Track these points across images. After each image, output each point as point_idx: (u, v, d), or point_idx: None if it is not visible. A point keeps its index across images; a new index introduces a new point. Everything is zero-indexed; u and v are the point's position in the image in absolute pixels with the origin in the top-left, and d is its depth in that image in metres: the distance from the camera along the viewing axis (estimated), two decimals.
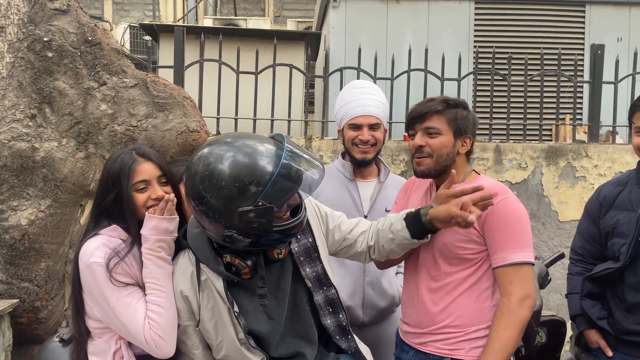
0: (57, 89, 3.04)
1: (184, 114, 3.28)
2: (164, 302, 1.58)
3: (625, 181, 2.03)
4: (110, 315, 1.58)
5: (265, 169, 1.45)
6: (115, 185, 1.65)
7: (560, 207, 3.65)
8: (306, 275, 1.67)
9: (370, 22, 5.05)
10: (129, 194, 1.64)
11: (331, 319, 1.68)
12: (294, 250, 1.66)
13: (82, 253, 1.61)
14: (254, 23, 7.84)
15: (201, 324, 1.60)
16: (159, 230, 1.61)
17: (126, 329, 1.57)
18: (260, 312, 1.61)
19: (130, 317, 1.56)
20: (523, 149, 3.67)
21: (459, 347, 1.74)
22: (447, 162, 1.80)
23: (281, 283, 1.65)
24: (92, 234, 1.65)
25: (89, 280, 1.59)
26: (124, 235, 1.64)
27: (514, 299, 1.69)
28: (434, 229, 1.66)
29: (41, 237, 2.98)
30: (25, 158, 2.96)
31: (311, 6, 10.96)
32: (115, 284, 1.57)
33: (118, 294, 1.56)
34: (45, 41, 3.01)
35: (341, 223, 1.79)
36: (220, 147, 1.49)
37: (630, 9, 5.14)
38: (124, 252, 1.62)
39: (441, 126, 1.78)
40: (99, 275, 1.57)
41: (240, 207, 1.44)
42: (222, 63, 3.70)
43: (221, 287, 1.58)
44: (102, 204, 1.68)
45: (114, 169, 1.67)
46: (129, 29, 8.33)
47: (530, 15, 5.13)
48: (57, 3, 3.06)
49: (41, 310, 3.04)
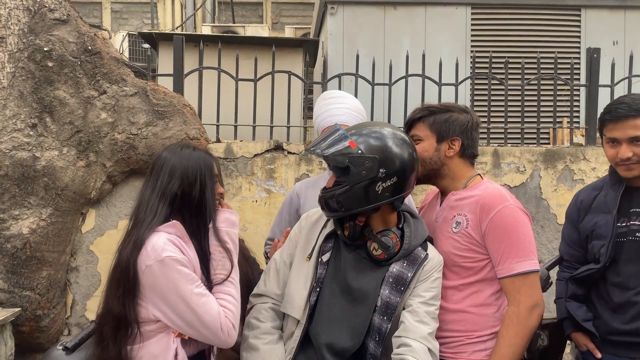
0: (58, 98, 3.07)
1: (183, 121, 3.30)
2: (234, 292, 1.67)
3: (600, 185, 2.06)
4: (183, 310, 1.57)
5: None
6: (196, 173, 1.70)
7: (558, 210, 3.67)
8: (382, 294, 1.70)
9: (367, 28, 5.08)
10: (213, 186, 1.73)
11: (372, 344, 1.68)
12: (391, 271, 1.71)
13: (151, 249, 1.58)
14: (252, 30, 7.87)
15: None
16: (229, 223, 1.74)
17: (201, 320, 1.58)
18: (335, 292, 1.71)
19: (205, 307, 1.58)
20: (521, 152, 3.69)
21: (461, 350, 1.76)
22: (434, 166, 1.84)
23: (362, 281, 1.71)
24: (149, 230, 1.63)
25: (159, 276, 1.56)
26: (181, 231, 1.65)
27: (522, 307, 1.71)
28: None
29: (42, 245, 2.99)
30: (26, 167, 2.97)
31: (309, 13, 11.01)
32: (189, 277, 1.59)
33: (192, 286, 1.58)
34: (46, 51, 3.03)
35: (415, 312, 1.73)
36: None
37: (626, 13, 5.18)
38: (184, 248, 1.64)
39: (423, 133, 1.85)
40: (173, 269, 1.57)
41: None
42: (221, 70, 3.72)
43: (325, 234, 1.76)
44: (174, 190, 1.68)
45: (194, 159, 1.73)
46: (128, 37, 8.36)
47: (526, 19, 5.16)
48: (57, 13, 3.08)
49: (43, 318, 3.04)
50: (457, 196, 1.84)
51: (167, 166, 1.71)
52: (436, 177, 1.87)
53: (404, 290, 1.69)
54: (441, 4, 5.12)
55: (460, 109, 1.89)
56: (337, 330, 1.68)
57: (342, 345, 1.66)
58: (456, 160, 1.85)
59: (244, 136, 3.84)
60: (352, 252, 1.74)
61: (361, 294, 1.69)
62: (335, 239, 1.76)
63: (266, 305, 1.77)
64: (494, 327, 1.78)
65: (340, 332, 1.68)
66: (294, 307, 1.71)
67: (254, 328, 1.74)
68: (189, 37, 4.67)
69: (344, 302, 1.70)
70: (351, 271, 1.71)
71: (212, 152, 3.50)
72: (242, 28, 8.04)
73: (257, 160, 3.54)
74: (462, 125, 1.84)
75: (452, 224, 1.81)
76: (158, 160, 1.74)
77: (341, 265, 1.73)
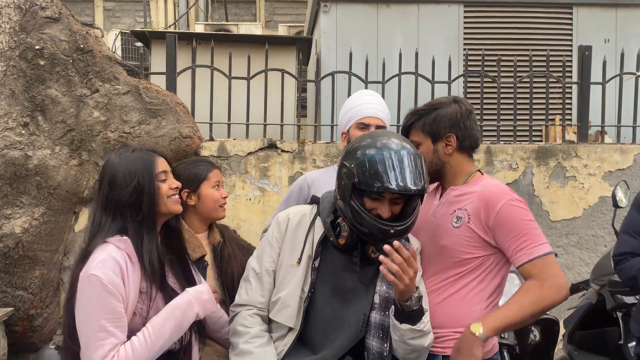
0: (50, 97, 3.05)
1: (176, 120, 3.29)
2: (143, 352, 1.58)
3: None
4: (81, 328, 1.56)
5: (376, 148, 1.63)
6: (133, 177, 1.64)
7: (551, 206, 3.69)
8: (379, 291, 1.70)
9: (360, 26, 5.08)
10: (153, 183, 1.66)
11: (376, 342, 1.68)
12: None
13: (90, 261, 1.58)
14: (246, 28, 7.85)
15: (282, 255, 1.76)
16: (204, 309, 1.69)
17: (85, 346, 1.55)
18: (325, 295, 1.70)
19: (97, 342, 1.53)
20: (513, 149, 3.71)
21: (449, 345, 1.77)
22: (435, 167, 1.85)
23: (353, 281, 1.70)
24: (101, 240, 1.61)
25: (81, 289, 1.56)
26: (130, 249, 1.61)
27: (547, 284, 1.70)
28: (406, 307, 1.63)
29: (35, 245, 2.98)
30: (18, 166, 2.96)
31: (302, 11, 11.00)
32: (107, 307, 1.54)
33: (102, 316, 1.54)
34: (37, 49, 3.01)
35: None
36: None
37: (617, 11, 5.21)
38: (127, 270, 1.59)
39: (418, 138, 1.87)
40: (94, 289, 1.54)
41: (345, 161, 1.67)
42: (214, 69, 3.72)
43: (317, 239, 1.71)
44: (115, 199, 1.64)
45: (132, 161, 1.67)
46: (120, 35, 8.32)
47: (518, 17, 5.18)
48: (49, 11, 3.07)
49: (36, 318, 3.03)
50: (456, 192, 1.85)
51: (107, 175, 1.67)
52: (439, 176, 1.89)
53: None
54: (434, 2, 5.13)
55: (448, 102, 1.88)
56: (332, 332, 1.69)
57: (339, 345, 1.67)
58: (456, 156, 1.86)
59: (237, 134, 3.84)
60: (342, 255, 1.73)
61: (353, 294, 1.69)
62: (322, 242, 1.74)
63: (251, 312, 1.75)
64: None
65: (336, 334, 1.69)
66: (287, 316, 1.70)
67: (243, 334, 1.72)
68: (182, 36, 4.66)
69: (336, 303, 1.70)
70: (342, 273, 1.71)
71: (206, 150, 3.49)
72: (235, 26, 8.02)
73: (251, 159, 3.54)
74: (450, 119, 1.84)
75: (452, 219, 1.81)
76: (102, 169, 1.71)
77: (331, 268, 1.72)
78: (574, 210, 3.70)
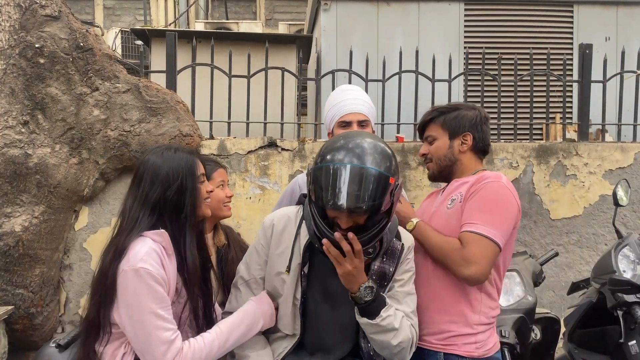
0: (50, 95, 3.05)
1: (176, 118, 3.29)
2: (211, 348, 1.60)
3: None
4: (138, 323, 1.55)
5: (332, 154, 1.56)
6: (177, 176, 1.66)
7: (551, 205, 3.69)
8: None
9: (361, 24, 5.07)
10: (196, 184, 1.69)
11: (364, 342, 1.69)
12: (372, 268, 1.69)
13: (132, 255, 1.57)
14: (246, 26, 7.85)
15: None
16: (265, 317, 1.70)
17: (146, 340, 1.54)
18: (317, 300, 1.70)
19: (158, 331, 1.53)
20: (514, 148, 3.71)
21: (452, 342, 1.78)
22: (447, 162, 1.92)
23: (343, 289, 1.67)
24: (137, 234, 1.61)
25: (129, 283, 1.55)
26: (167, 241, 1.62)
27: (466, 252, 1.72)
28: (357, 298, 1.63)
29: (35, 243, 2.98)
30: (18, 164, 2.96)
31: (302, 9, 10.99)
32: (157, 295, 1.55)
33: (155, 305, 1.54)
34: (37, 48, 3.01)
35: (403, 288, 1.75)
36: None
37: (618, 9, 5.20)
38: (165, 261, 1.60)
39: (436, 132, 1.94)
40: (144, 282, 1.53)
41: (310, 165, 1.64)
42: (214, 67, 3.71)
43: (304, 244, 1.68)
44: (156, 196, 1.65)
45: (175, 161, 1.68)
46: (121, 33, 8.30)
47: (519, 15, 5.17)
48: (49, 9, 3.06)
49: (36, 316, 3.03)
50: (458, 182, 1.91)
51: (148, 172, 1.67)
52: (449, 173, 1.94)
53: (388, 284, 1.71)
54: (434, 0, 5.12)
55: (468, 107, 1.97)
56: (328, 335, 1.70)
57: (339, 348, 1.69)
58: (468, 155, 1.93)
59: (237, 133, 3.84)
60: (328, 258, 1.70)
61: (343, 296, 1.68)
62: (309, 247, 1.72)
63: None
64: (478, 322, 1.80)
65: (334, 336, 1.70)
66: (283, 324, 1.71)
67: None
68: (182, 34, 4.65)
69: (328, 307, 1.71)
70: (330, 276, 1.69)
71: (206, 148, 3.49)
72: (236, 24, 8.02)
73: (251, 157, 3.53)
74: (471, 120, 1.92)
75: (447, 202, 1.88)
76: (141, 166, 1.71)
77: (319, 272, 1.72)
78: (575, 208, 3.70)
